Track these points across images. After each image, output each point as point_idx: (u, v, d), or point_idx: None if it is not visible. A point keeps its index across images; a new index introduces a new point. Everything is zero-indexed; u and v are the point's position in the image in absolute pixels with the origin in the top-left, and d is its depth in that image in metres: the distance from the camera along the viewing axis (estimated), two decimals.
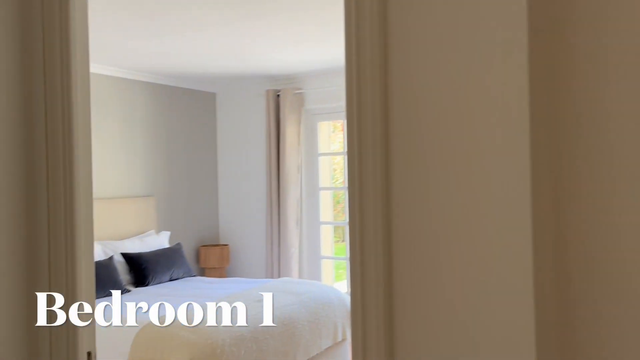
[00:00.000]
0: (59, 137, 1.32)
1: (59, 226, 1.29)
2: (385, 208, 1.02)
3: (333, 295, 3.73)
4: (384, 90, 1.02)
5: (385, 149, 1.03)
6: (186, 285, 4.09)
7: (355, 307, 1.01)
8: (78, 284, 1.27)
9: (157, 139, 5.00)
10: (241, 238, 5.50)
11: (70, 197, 1.30)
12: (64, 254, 1.28)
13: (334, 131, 9.26)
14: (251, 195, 5.44)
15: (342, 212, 11.39)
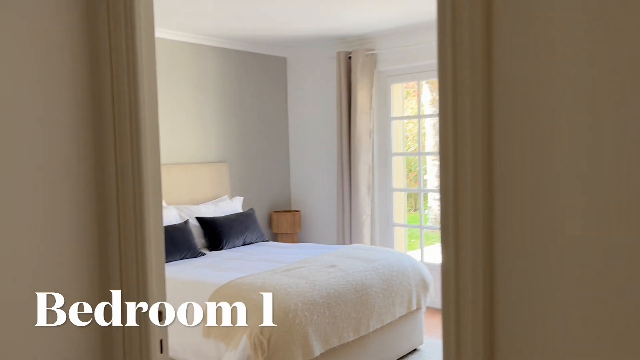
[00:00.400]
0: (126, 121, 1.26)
1: (129, 226, 1.24)
2: (487, 173, 0.87)
3: (407, 263, 3.61)
4: (487, 49, 0.85)
5: (487, 111, 0.87)
6: (259, 249, 4.11)
7: (447, 281, 0.88)
8: (149, 283, 1.23)
9: (229, 105, 5.01)
10: (312, 204, 5.47)
11: (140, 202, 1.24)
12: (135, 256, 1.24)
13: (407, 97, 8.98)
14: (322, 160, 5.37)
15: (415, 180, 11.13)
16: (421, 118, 4.84)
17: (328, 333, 2.84)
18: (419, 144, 4.94)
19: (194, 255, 3.86)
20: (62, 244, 1.19)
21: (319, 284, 2.97)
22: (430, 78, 4.77)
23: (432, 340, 3.89)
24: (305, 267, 3.26)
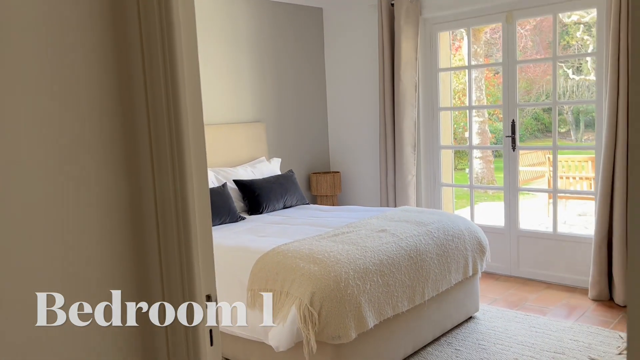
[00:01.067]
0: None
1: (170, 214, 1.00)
2: None
3: (463, 225, 3.33)
4: None
5: None
6: (301, 213, 3.89)
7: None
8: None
9: (263, 61, 4.72)
10: (353, 165, 5.20)
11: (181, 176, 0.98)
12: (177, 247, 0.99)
13: (454, 46, 8.43)
14: (363, 118, 5.06)
15: (462, 136, 10.64)
16: (471, 69, 4.45)
17: (382, 303, 2.61)
18: (468, 97, 4.57)
19: (233, 220, 3.67)
20: (92, 241, 0.97)
21: (371, 250, 2.73)
22: (480, 25, 4.35)
23: (487, 307, 3.64)
24: (354, 232, 3.02)
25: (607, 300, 3.65)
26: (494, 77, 16.41)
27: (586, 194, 3.89)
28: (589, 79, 15.12)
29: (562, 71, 17.89)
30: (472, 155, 4.57)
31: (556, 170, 4.08)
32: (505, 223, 4.31)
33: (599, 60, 3.70)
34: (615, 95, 3.45)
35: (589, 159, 7.17)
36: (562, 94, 17.97)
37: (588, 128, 19.46)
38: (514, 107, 4.16)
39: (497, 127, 15.86)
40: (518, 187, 4.24)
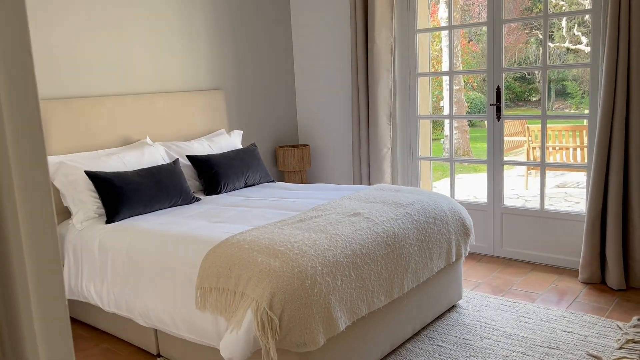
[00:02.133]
0: None
1: None
2: None
3: (445, 205, 2.95)
4: None
5: None
6: (264, 192, 3.45)
7: None
8: None
9: (221, 21, 4.19)
10: (323, 137, 4.76)
11: None
12: None
13: (440, 0, 7.98)
14: (334, 86, 4.61)
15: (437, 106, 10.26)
16: (453, 29, 4.03)
17: (355, 300, 2.23)
18: (449, 61, 4.15)
19: (186, 201, 3.22)
20: None
21: (342, 238, 2.32)
22: None
23: (471, 293, 3.31)
24: (323, 216, 2.61)
25: (599, 284, 3.36)
26: (469, 44, 16.03)
27: (578, 167, 3.55)
28: (563, 46, 14.87)
29: (534, 39, 17.61)
30: (452, 125, 4.19)
31: (544, 141, 3.74)
32: (488, 199, 3.97)
33: (595, 19, 3.31)
34: (614, 58, 3.08)
35: (569, 128, 6.90)
36: (534, 61, 17.73)
37: (559, 97, 19.38)
38: (500, 72, 3.77)
39: (470, 96, 15.58)
40: (503, 160, 3.89)
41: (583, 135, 6.60)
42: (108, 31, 3.46)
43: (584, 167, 3.60)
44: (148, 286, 2.49)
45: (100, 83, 3.44)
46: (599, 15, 3.28)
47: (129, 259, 2.60)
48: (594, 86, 3.38)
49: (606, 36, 3.10)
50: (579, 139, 6.64)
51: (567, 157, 6.83)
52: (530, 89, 18.87)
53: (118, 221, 2.91)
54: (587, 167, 3.51)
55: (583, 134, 6.58)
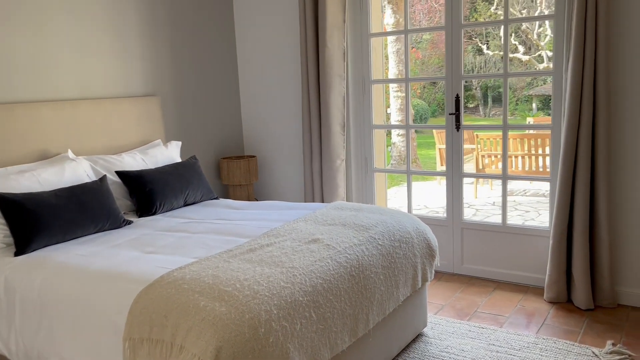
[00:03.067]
0: None
1: None
2: None
3: (409, 225, 2.68)
4: None
5: None
6: (207, 212, 3.06)
7: None
8: None
9: (157, 20, 3.77)
10: (271, 147, 4.41)
11: None
12: None
13: (386, 6, 7.81)
14: (283, 92, 4.28)
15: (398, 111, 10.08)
16: (409, 33, 3.80)
17: (317, 345, 1.90)
18: (406, 65, 3.91)
19: (115, 225, 2.78)
20: None
21: (301, 272, 1.99)
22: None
23: (435, 318, 3.05)
24: (277, 244, 2.26)
25: (566, 303, 3.19)
26: (412, 51, 16.14)
27: (541, 179, 3.39)
28: (501, 54, 15.23)
29: (471, 47, 18.01)
30: (409, 136, 3.95)
31: (506, 152, 3.56)
32: (448, 214, 3.75)
33: (558, 25, 3.16)
34: (580, 65, 2.93)
35: (516, 136, 6.89)
36: (471, 69, 18.13)
37: (495, 103, 19.94)
38: (459, 79, 3.57)
39: (414, 102, 15.67)
40: (462, 172, 3.68)
41: (531, 143, 6.60)
42: (20, 26, 2.97)
43: (547, 179, 3.44)
44: (65, 334, 2.05)
45: (11, 88, 2.94)
46: (561, 21, 3.13)
47: (41, 300, 2.15)
48: (557, 95, 3.23)
49: (571, 43, 2.95)
50: (526, 146, 6.63)
51: (516, 165, 6.81)
52: (468, 96, 19.30)
53: (30, 252, 2.44)
54: (551, 180, 3.35)
55: (531, 142, 6.57)
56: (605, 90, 2.90)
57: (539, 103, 20.23)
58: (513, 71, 6.80)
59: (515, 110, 20.06)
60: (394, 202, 6.97)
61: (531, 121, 10.09)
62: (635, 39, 2.90)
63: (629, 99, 2.96)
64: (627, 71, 2.95)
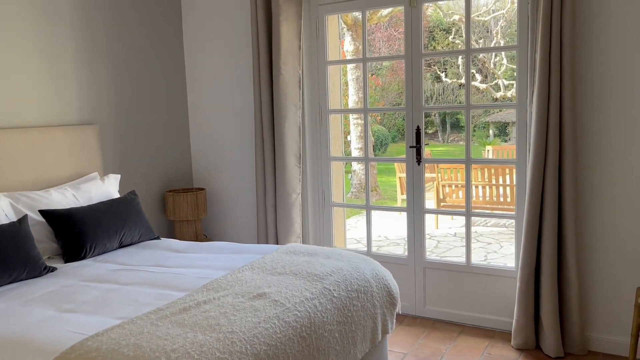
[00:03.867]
0: None
1: None
2: None
3: (369, 272, 2.43)
4: None
5: None
6: (144, 256, 2.73)
7: None
8: None
9: (96, 42, 3.46)
10: (223, 179, 4.12)
11: None
12: None
13: (346, 33, 7.71)
14: (235, 120, 4.01)
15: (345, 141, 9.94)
16: (367, 62, 3.62)
17: None
18: (365, 96, 3.72)
19: (34, 274, 2.42)
20: None
21: (241, 337, 1.70)
22: (378, 6, 3.54)
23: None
24: (216, 300, 1.96)
25: (535, 349, 3.00)
26: (372, 77, 16.20)
27: (507, 216, 3.22)
28: (460, 82, 15.48)
29: (430, 74, 18.28)
30: (368, 171, 3.74)
31: (469, 189, 3.39)
32: (409, 252, 3.54)
33: (521, 57, 3.03)
34: (545, 98, 2.79)
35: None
36: (430, 96, 18.38)
37: (454, 129, 20.23)
38: (419, 110, 3.39)
39: (374, 129, 15.67)
40: (424, 208, 3.48)
41: (491, 172, 6.53)
42: None
43: (512, 216, 3.28)
44: None
45: None
46: (525, 52, 3.01)
47: None
48: (521, 128, 3.09)
49: (535, 76, 2.81)
50: (487, 176, 6.56)
51: (477, 194, 6.72)
52: (427, 122, 19.52)
53: None
54: (517, 217, 3.19)
55: (491, 171, 6.50)
56: (571, 126, 2.77)
57: (495, 130, 20.66)
58: (472, 100, 6.76)
59: (473, 137, 20.41)
60: (353, 233, 6.74)
61: (489, 149, 10.13)
62: (602, 72, 2.79)
63: (597, 136, 2.84)
64: (594, 106, 2.83)
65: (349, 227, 7.09)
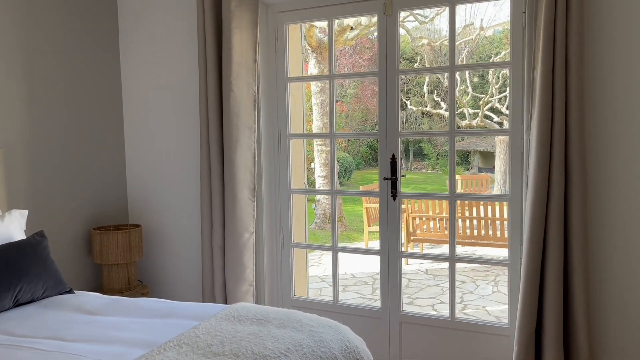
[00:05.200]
0: None
1: None
2: None
3: (337, 347, 1.86)
4: None
5: None
6: (39, 323, 2.07)
7: None
8: None
9: (8, 50, 2.83)
10: (163, 215, 3.49)
11: None
12: None
13: (310, 56, 7.43)
14: (179, 146, 3.42)
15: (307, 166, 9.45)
16: (334, 78, 3.11)
17: None
18: (331, 117, 3.20)
19: None
20: None
21: None
22: (346, 14, 3.06)
23: None
24: None
25: None
26: (337, 104, 15.86)
27: (500, 263, 2.70)
28: (422, 109, 15.26)
29: None
30: (335, 206, 3.20)
31: (453, 229, 2.88)
32: (383, 304, 2.99)
33: (516, 75, 2.58)
34: (547, 124, 2.33)
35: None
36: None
37: (416, 157, 20.04)
38: (395, 136, 2.89)
39: (338, 156, 15.24)
40: (400, 251, 2.95)
41: (465, 203, 6.09)
42: None
43: (505, 263, 2.78)
44: None
45: None
46: (519, 70, 2.56)
47: None
48: (515, 159, 2.61)
49: (534, 97, 2.36)
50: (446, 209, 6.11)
51: (441, 227, 6.26)
52: None
53: None
54: (509, 263, 2.69)
55: (465, 203, 6.07)
56: (580, 157, 2.31)
57: (458, 159, 20.62)
58: (435, 128, 6.34)
59: (437, 165, 20.30)
60: (316, 270, 6.15)
61: (459, 178, 9.79)
62: (616, 91, 2.35)
63: (610, 169, 2.39)
64: (607, 133, 2.39)
65: (311, 263, 6.50)
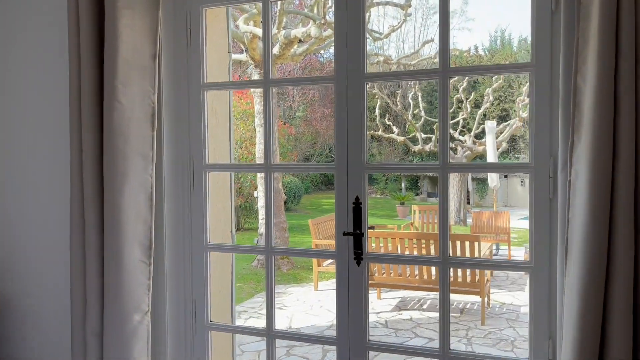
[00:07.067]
0: None
1: None
2: None
3: None
4: None
5: None
6: None
7: None
8: None
9: None
10: (18, 286, 2.40)
11: None
12: None
13: (253, 71, 6.76)
14: (42, 182, 2.35)
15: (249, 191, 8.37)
16: (271, 85, 2.15)
17: None
18: (267, 145, 2.23)
19: None
20: None
21: None
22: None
23: None
24: None
25: None
26: (284, 125, 14.92)
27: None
28: (376, 134, 14.62)
29: None
30: (271, 264, 2.22)
31: (446, 284, 1.96)
32: None
33: (540, 80, 1.72)
34: (607, 159, 1.46)
35: (413, 236, 5.55)
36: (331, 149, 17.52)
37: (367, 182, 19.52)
38: (359, 170, 1.97)
39: (286, 181, 14.28)
40: (368, 342, 2.00)
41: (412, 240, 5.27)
42: None
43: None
44: None
45: None
46: (546, 75, 1.70)
47: None
48: (541, 209, 1.73)
49: (581, 116, 1.50)
50: (408, 245, 5.28)
51: (402, 267, 5.41)
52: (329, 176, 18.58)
53: None
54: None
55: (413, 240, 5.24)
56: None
57: (407, 183, 20.09)
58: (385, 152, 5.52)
59: (385, 189, 19.67)
60: (255, 322, 5.10)
61: (416, 209, 9.01)
62: None
63: None
64: None
65: (250, 314, 5.46)
